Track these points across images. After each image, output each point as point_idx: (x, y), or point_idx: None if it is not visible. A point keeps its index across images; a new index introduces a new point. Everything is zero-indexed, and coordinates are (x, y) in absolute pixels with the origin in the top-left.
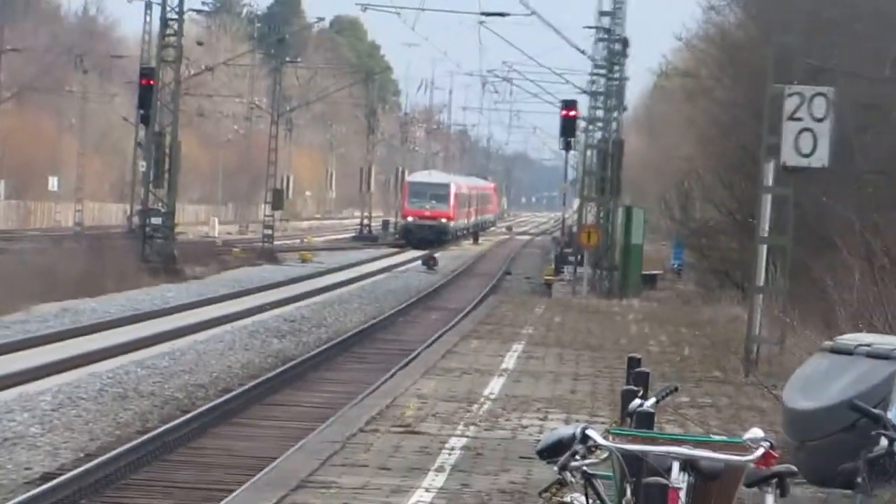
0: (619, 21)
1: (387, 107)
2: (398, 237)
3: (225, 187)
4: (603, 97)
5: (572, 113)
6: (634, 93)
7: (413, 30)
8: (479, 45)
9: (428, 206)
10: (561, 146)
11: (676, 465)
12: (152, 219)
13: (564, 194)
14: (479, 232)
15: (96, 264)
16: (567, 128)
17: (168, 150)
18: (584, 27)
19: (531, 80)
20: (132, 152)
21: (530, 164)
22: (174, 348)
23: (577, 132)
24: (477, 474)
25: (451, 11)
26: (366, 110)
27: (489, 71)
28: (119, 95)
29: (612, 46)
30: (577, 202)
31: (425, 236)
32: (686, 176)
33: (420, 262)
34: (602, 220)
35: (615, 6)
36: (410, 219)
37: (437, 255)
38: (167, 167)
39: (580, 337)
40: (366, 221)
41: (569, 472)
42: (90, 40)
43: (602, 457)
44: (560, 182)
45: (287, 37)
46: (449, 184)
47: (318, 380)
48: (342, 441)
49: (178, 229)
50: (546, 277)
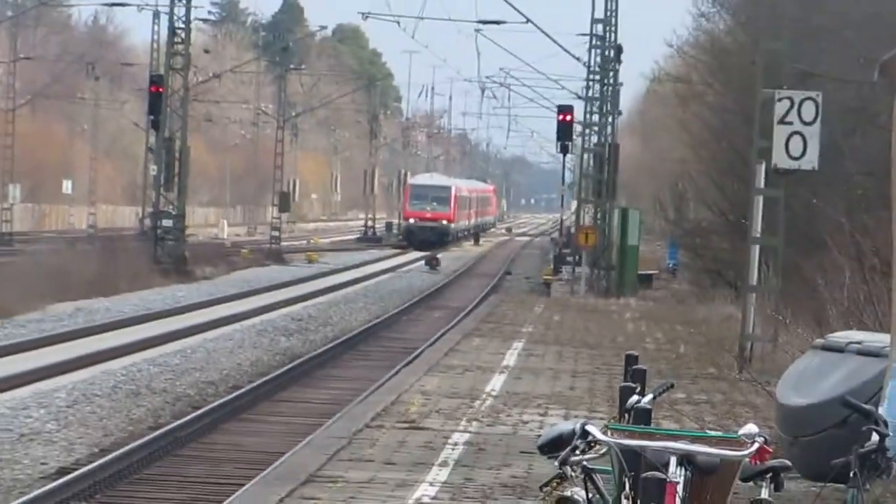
0: (612, 28)
1: (389, 112)
2: (401, 238)
3: (233, 190)
4: (598, 102)
5: (568, 118)
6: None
7: (413, 38)
8: (477, 53)
9: (429, 209)
10: (558, 150)
11: (674, 460)
12: (163, 221)
13: (562, 196)
14: (479, 233)
15: (109, 265)
16: (563, 132)
17: (178, 155)
18: (579, 34)
19: (528, 86)
20: (143, 157)
21: (529, 167)
22: (185, 346)
23: (574, 136)
24: (479, 469)
25: (449, 20)
26: (368, 115)
27: (487, 77)
28: (129, 102)
29: (606, 53)
30: (574, 204)
31: (427, 238)
32: (679, 178)
33: (423, 262)
34: (599, 222)
35: (608, 14)
36: (412, 220)
37: (439, 256)
38: (177, 171)
39: (578, 335)
40: (370, 223)
41: (569, 467)
42: (101, 49)
43: (601, 452)
44: (558, 185)
45: (291, 45)
46: (450, 186)
47: (325, 377)
48: (348, 436)
49: (188, 231)
50: (545, 277)
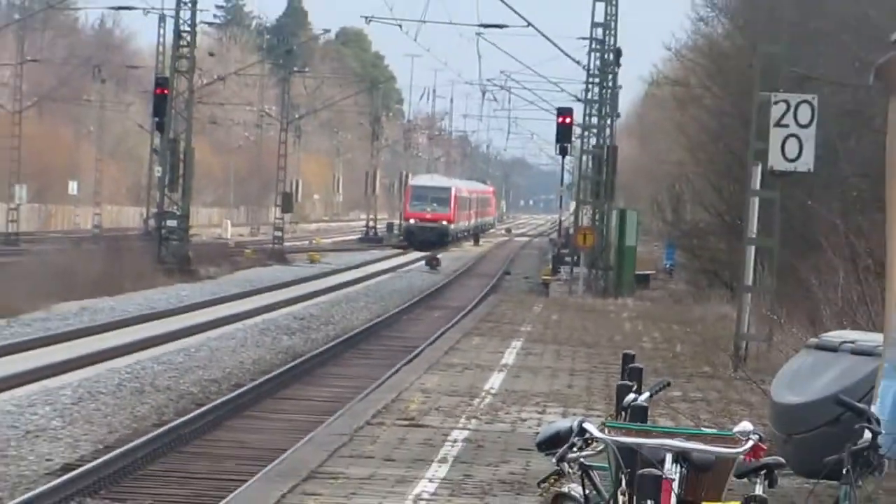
0: (612, 32)
1: (390, 114)
2: (402, 239)
3: (237, 191)
4: (597, 105)
5: (568, 120)
6: (627, 100)
7: (415, 41)
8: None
9: (429, 209)
10: (557, 152)
11: (670, 457)
12: (168, 221)
13: (561, 198)
14: (479, 234)
15: (114, 265)
16: (563, 134)
17: (182, 156)
18: (579, 38)
19: (528, 89)
20: (148, 158)
21: (528, 169)
22: (189, 345)
23: (573, 138)
24: (478, 465)
25: (450, 23)
26: (370, 118)
27: (488, 80)
28: (135, 104)
29: (605, 56)
30: (573, 205)
31: (427, 238)
32: (677, 180)
33: (423, 262)
34: (597, 223)
35: (608, 18)
36: (412, 221)
37: (439, 256)
38: (181, 172)
39: (576, 334)
40: (371, 224)
41: (566, 464)
42: (107, 52)
43: (598, 449)
44: (557, 186)
45: (295, 48)
46: (450, 187)
47: (327, 375)
48: (349, 433)
49: (192, 231)
50: (544, 277)
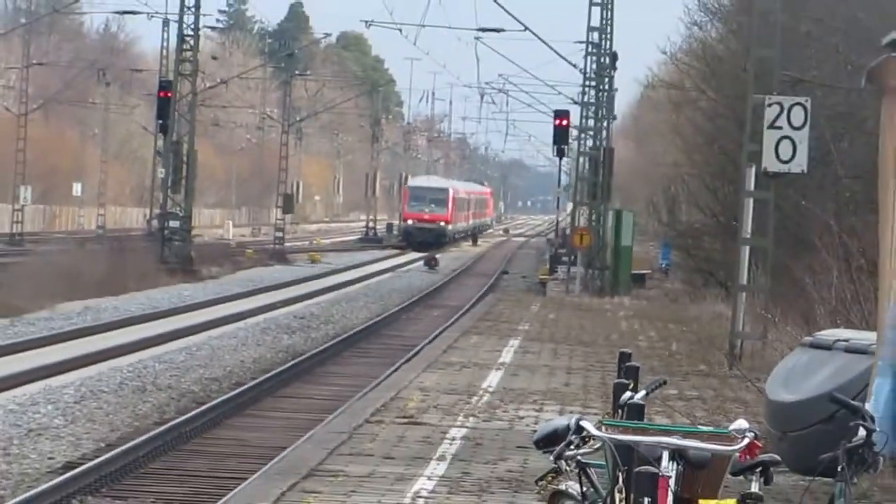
0: (608, 36)
1: (390, 117)
2: (400, 239)
3: (238, 192)
4: (593, 107)
5: (564, 122)
6: (623, 103)
7: (414, 45)
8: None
9: (427, 210)
10: (554, 153)
11: (666, 455)
12: (170, 222)
13: (558, 199)
14: (477, 234)
15: (117, 265)
16: (560, 136)
17: (185, 158)
18: (575, 42)
19: (526, 92)
20: (151, 160)
21: (526, 170)
22: (190, 344)
23: (570, 140)
24: (476, 463)
25: (449, 27)
26: (370, 120)
27: (486, 83)
28: (139, 107)
29: (602, 60)
30: (570, 206)
31: (425, 239)
32: (672, 181)
33: (422, 262)
34: (594, 223)
35: (603, 22)
36: (410, 222)
37: (438, 256)
38: (184, 174)
39: (573, 333)
40: (371, 224)
41: (564, 462)
42: (111, 55)
43: (595, 447)
44: (554, 187)
45: (296, 52)
46: (447, 188)
47: (326, 374)
48: (349, 432)
49: (194, 232)
50: (541, 277)
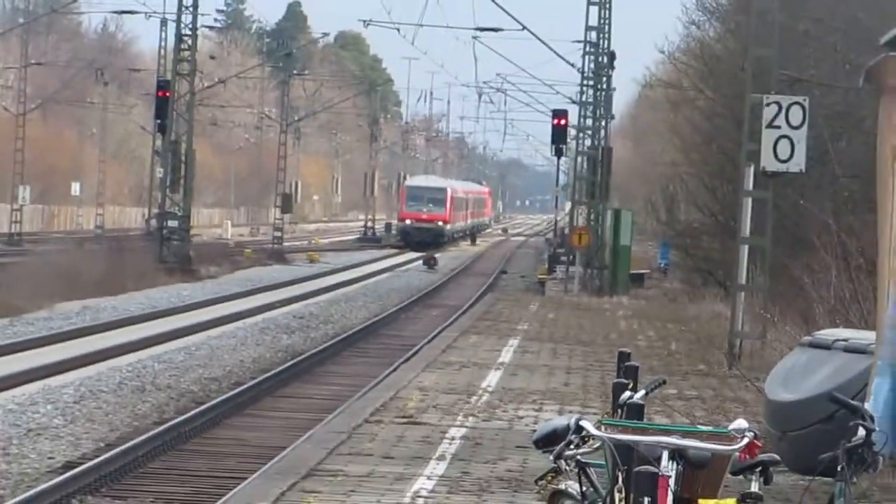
0: (606, 35)
1: (388, 116)
2: (398, 239)
3: (237, 192)
4: (591, 107)
5: (563, 122)
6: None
7: (412, 44)
8: (475, 59)
9: (425, 210)
10: (552, 153)
11: (666, 455)
12: (169, 222)
13: (556, 198)
14: (476, 233)
15: (116, 265)
16: (558, 136)
17: (183, 158)
18: (573, 41)
19: (524, 91)
20: (150, 159)
21: (524, 170)
22: (189, 344)
23: (568, 140)
24: (476, 463)
25: (447, 27)
26: (369, 119)
27: (484, 82)
28: (137, 106)
29: (599, 59)
30: (568, 205)
31: (423, 238)
32: (671, 180)
33: (421, 262)
34: (592, 223)
35: (601, 22)
36: (408, 221)
37: (437, 256)
38: (183, 173)
39: (572, 332)
40: (370, 224)
41: (563, 461)
42: (110, 55)
43: (595, 446)
44: (552, 187)
45: (294, 51)
46: (445, 188)
47: (325, 373)
48: (348, 431)
49: (193, 231)
50: (540, 276)
